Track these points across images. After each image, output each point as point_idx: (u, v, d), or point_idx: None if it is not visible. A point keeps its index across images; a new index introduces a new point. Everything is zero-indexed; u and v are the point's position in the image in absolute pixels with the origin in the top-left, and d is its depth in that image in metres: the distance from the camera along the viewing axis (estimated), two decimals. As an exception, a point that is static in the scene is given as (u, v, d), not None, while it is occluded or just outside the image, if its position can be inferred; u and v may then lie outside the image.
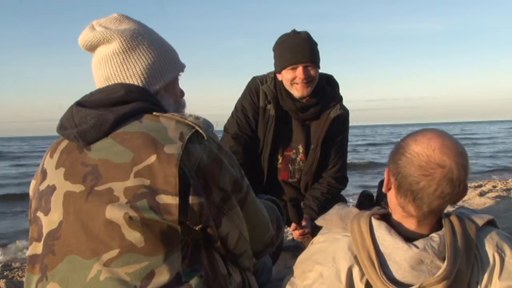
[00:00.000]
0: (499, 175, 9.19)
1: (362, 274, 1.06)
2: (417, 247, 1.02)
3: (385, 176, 1.09)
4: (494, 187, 5.31)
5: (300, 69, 2.08)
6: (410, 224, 1.08)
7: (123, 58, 1.13)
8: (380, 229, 1.06)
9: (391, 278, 1.03)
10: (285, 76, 2.14)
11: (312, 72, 2.10)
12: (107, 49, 1.14)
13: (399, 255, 1.02)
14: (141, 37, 1.16)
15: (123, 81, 1.13)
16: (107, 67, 1.13)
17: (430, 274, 1.02)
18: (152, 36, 1.19)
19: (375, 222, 1.08)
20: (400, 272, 1.03)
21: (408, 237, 1.05)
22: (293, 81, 2.11)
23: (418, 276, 1.02)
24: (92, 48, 1.16)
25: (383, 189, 1.11)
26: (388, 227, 1.06)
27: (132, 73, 1.13)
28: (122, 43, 1.13)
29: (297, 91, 2.13)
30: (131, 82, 1.13)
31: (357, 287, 1.06)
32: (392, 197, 1.09)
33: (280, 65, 2.14)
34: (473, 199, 4.30)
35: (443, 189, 0.99)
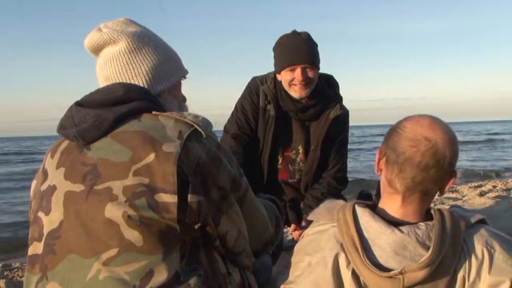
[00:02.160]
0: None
1: (348, 261, 1.07)
2: (401, 231, 1.03)
3: (377, 156, 1.13)
4: (494, 187, 5.31)
5: (298, 71, 2.08)
6: (395, 203, 1.10)
7: (129, 57, 1.14)
8: (364, 215, 1.08)
9: (374, 262, 1.04)
10: (284, 77, 2.14)
11: (310, 73, 2.10)
12: (114, 49, 1.15)
13: (382, 239, 1.04)
14: (147, 39, 1.18)
15: (127, 81, 1.14)
16: (112, 66, 1.14)
17: (413, 261, 1.02)
18: (157, 40, 1.21)
19: (359, 210, 1.10)
20: (384, 256, 1.04)
21: (393, 223, 1.07)
22: (292, 83, 2.11)
23: (401, 262, 1.03)
24: (98, 49, 1.17)
25: (376, 171, 1.15)
26: (371, 213, 1.08)
27: (137, 72, 1.14)
28: (128, 43, 1.14)
29: (295, 92, 2.13)
30: (136, 82, 1.14)
31: (343, 274, 1.08)
32: (382, 177, 1.13)
33: (279, 66, 2.14)
34: (473, 199, 4.30)
35: (427, 162, 1.02)
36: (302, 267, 1.14)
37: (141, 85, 1.13)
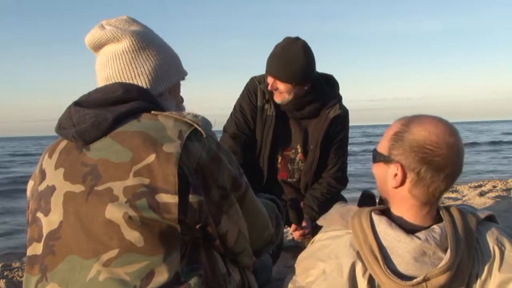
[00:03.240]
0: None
1: (365, 270, 1.06)
2: (419, 238, 1.03)
3: (398, 172, 1.06)
4: (494, 187, 5.30)
5: (270, 79, 2.13)
6: (420, 211, 1.09)
7: (132, 57, 1.14)
8: (381, 223, 1.07)
9: (395, 271, 1.03)
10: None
11: (280, 86, 2.11)
12: (116, 47, 1.14)
13: (401, 248, 1.03)
14: (151, 39, 1.18)
15: (130, 80, 1.13)
16: (115, 65, 1.14)
17: (433, 266, 1.02)
18: (159, 40, 1.21)
19: (375, 217, 1.08)
20: (403, 264, 1.04)
21: (409, 229, 1.06)
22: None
23: (422, 268, 1.03)
24: (99, 46, 1.16)
25: (392, 187, 1.09)
26: (388, 220, 1.07)
27: (140, 72, 1.14)
28: (132, 42, 1.14)
29: (274, 96, 2.19)
30: (138, 82, 1.13)
31: (359, 282, 1.07)
32: (403, 191, 1.08)
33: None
34: (473, 199, 4.30)
35: (459, 170, 1.06)
36: (316, 274, 1.12)
37: (143, 85, 1.13)
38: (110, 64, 1.14)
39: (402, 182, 1.07)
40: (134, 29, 1.17)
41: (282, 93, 2.13)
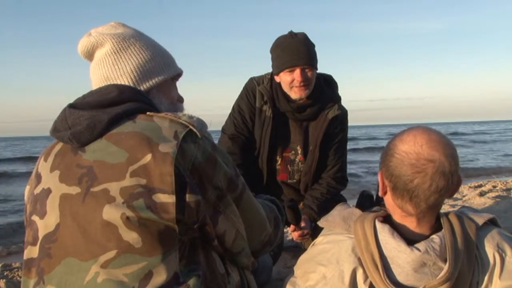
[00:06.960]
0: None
1: (366, 277, 1.05)
2: (419, 250, 1.02)
3: (379, 180, 1.09)
4: (494, 187, 5.31)
5: (297, 72, 2.08)
6: (410, 223, 1.08)
7: (114, 58, 1.14)
8: (383, 232, 1.06)
9: (394, 281, 1.03)
10: (284, 79, 2.14)
11: (309, 74, 2.11)
12: (101, 52, 1.16)
13: (401, 258, 1.02)
14: (134, 39, 1.18)
15: (114, 81, 1.14)
16: (101, 69, 1.15)
17: (433, 276, 1.01)
18: (145, 39, 1.21)
19: (378, 225, 1.07)
20: (403, 275, 1.03)
21: (410, 239, 1.05)
22: (292, 84, 2.12)
23: (421, 279, 1.02)
24: (90, 55, 1.19)
25: (380, 194, 1.11)
26: (391, 229, 1.06)
27: (122, 72, 1.14)
28: (113, 44, 1.15)
29: (295, 94, 2.14)
30: (122, 81, 1.14)
31: None
32: (389, 199, 1.09)
33: (278, 68, 2.15)
34: (473, 199, 4.30)
35: (437, 184, 1.00)
36: (316, 278, 1.11)
37: (127, 84, 1.13)
38: (97, 68, 1.16)
39: (384, 190, 1.08)
40: (118, 32, 1.18)
41: (310, 82, 2.13)
